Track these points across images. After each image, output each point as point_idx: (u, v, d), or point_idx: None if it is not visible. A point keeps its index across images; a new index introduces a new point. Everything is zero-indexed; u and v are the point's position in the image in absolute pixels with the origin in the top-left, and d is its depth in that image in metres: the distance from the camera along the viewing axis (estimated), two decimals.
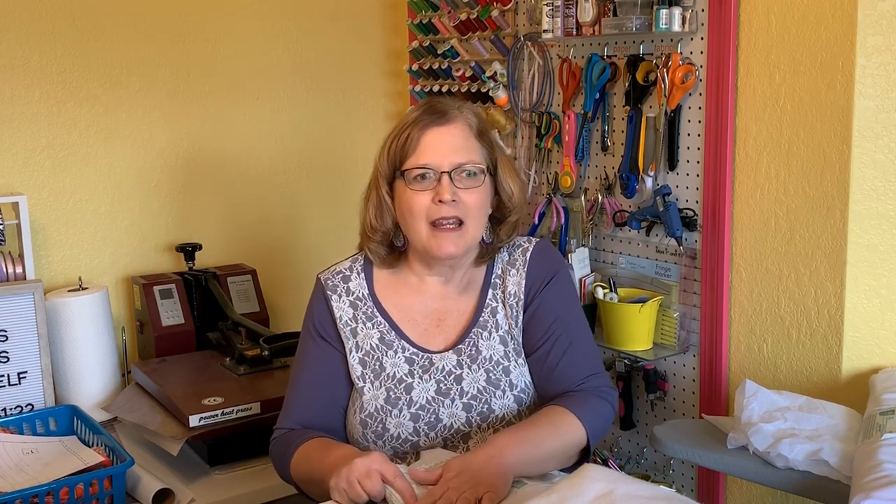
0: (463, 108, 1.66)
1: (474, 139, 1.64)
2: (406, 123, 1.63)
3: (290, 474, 1.61)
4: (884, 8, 1.77)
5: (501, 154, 1.70)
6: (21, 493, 1.68)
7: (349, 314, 1.68)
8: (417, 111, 1.65)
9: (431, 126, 1.61)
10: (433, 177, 1.60)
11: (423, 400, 1.63)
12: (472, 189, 1.61)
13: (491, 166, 1.66)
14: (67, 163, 2.42)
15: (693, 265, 2.10)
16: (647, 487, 1.31)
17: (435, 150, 1.60)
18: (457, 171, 1.60)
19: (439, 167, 1.59)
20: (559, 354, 1.65)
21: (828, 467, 1.59)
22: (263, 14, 2.69)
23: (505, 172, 1.68)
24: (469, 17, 2.55)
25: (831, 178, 1.85)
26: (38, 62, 2.36)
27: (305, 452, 1.58)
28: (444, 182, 1.59)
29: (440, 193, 1.58)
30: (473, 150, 1.63)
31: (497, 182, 1.68)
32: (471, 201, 1.61)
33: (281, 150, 2.76)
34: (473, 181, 1.61)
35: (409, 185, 1.61)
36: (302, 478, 1.59)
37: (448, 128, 1.62)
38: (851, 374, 1.87)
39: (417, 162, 1.60)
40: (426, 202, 1.60)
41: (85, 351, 2.24)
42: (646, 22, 2.05)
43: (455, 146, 1.61)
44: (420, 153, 1.60)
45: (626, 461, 2.30)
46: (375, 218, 1.67)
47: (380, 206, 1.67)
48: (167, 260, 2.59)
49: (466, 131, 1.63)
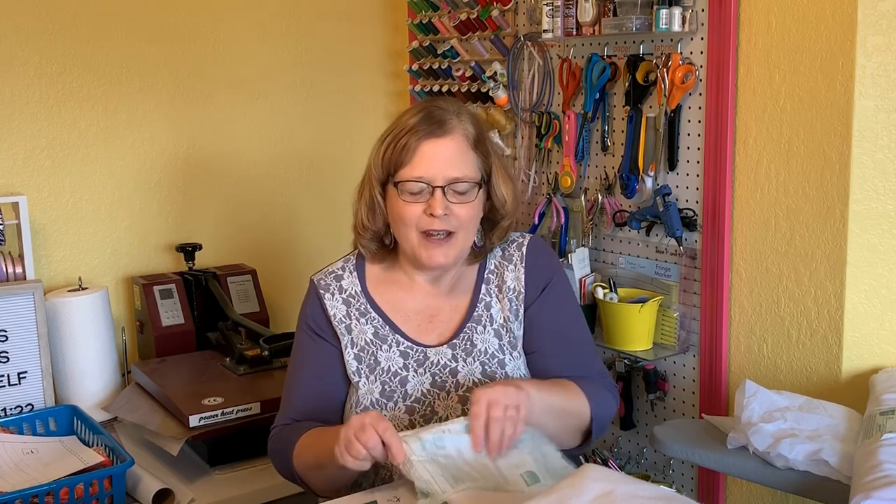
0: (462, 116, 1.64)
1: (471, 151, 1.63)
2: (403, 129, 1.62)
3: (292, 467, 1.61)
4: (884, 8, 1.77)
5: (497, 159, 1.69)
6: (21, 493, 1.69)
7: (343, 311, 1.69)
8: (416, 116, 1.62)
9: (428, 137, 1.60)
10: (426, 190, 1.59)
11: (418, 393, 1.63)
12: (464, 203, 1.61)
13: (485, 175, 1.65)
14: (67, 163, 2.42)
15: (693, 265, 2.10)
16: (647, 487, 1.31)
17: (430, 164, 1.59)
18: (450, 185, 1.59)
19: (433, 181, 1.59)
20: (560, 355, 1.66)
21: (828, 467, 1.59)
22: (263, 14, 2.69)
23: (499, 179, 1.67)
24: (469, 17, 2.55)
25: (831, 178, 1.85)
26: (38, 62, 2.36)
27: (307, 440, 1.59)
28: (436, 196, 1.58)
29: (432, 207, 1.58)
30: (468, 164, 1.62)
31: (491, 188, 1.67)
32: (462, 214, 1.61)
33: (281, 150, 2.76)
34: (466, 196, 1.61)
35: (401, 196, 1.61)
36: (306, 464, 1.59)
37: (444, 140, 1.60)
38: (851, 374, 1.87)
39: (412, 174, 1.59)
40: (418, 213, 1.60)
41: (85, 351, 2.24)
42: (646, 22, 2.05)
43: (450, 160, 1.60)
44: (415, 165, 1.59)
45: (626, 461, 2.30)
46: (367, 218, 1.68)
47: (372, 207, 1.67)
48: (167, 260, 2.59)
49: (463, 144, 1.62)
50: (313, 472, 1.59)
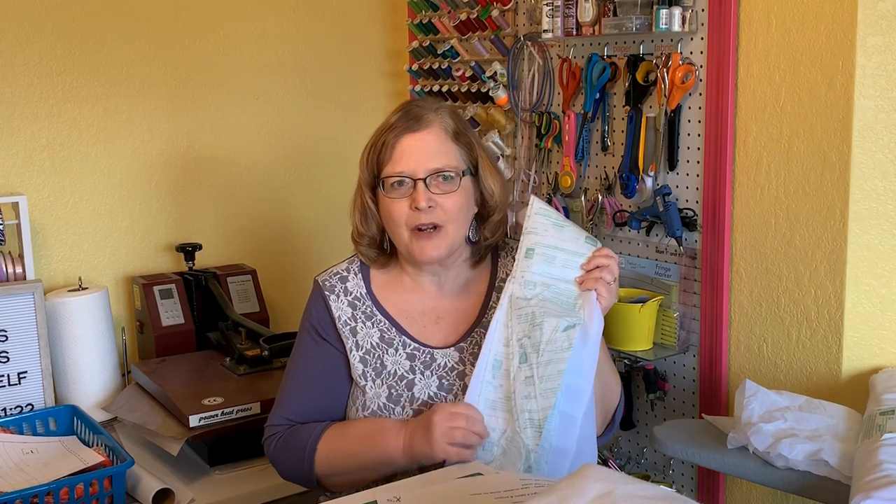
0: (440, 110, 1.66)
1: (451, 142, 1.64)
2: (382, 129, 1.65)
3: (312, 469, 1.61)
4: (884, 8, 1.77)
5: (482, 152, 1.70)
6: (21, 493, 1.69)
7: (348, 314, 1.69)
8: (395, 115, 1.66)
9: (406, 133, 1.62)
10: (409, 184, 1.61)
11: (424, 396, 1.63)
12: (449, 193, 1.62)
13: (471, 167, 1.66)
14: (67, 163, 2.42)
15: (693, 265, 2.10)
16: (647, 487, 1.31)
17: (410, 158, 1.61)
18: (432, 176, 1.60)
19: (414, 174, 1.60)
20: None
21: (828, 467, 1.59)
22: (263, 14, 2.69)
23: (486, 171, 1.68)
24: (469, 17, 2.55)
25: (831, 178, 1.85)
26: (38, 62, 2.36)
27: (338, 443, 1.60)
28: (419, 189, 1.60)
29: (416, 201, 1.60)
30: (450, 154, 1.63)
31: (479, 181, 1.68)
32: (449, 205, 1.62)
33: (281, 150, 2.76)
34: (450, 185, 1.62)
35: (386, 194, 1.63)
36: (335, 467, 1.60)
37: (422, 134, 1.62)
38: (851, 374, 1.87)
39: (393, 170, 1.62)
40: (405, 209, 1.61)
41: (85, 351, 2.24)
42: (646, 22, 2.05)
43: (430, 152, 1.61)
44: (395, 161, 1.62)
45: (626, 461, 2.30)
46: (361, 224, 1.70)
47: (364, 213, 1.69)
48: (167, 260, 2.59)
49: (442, 135, 1.63)
50: (343, 470, 1.60)
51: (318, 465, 1.61)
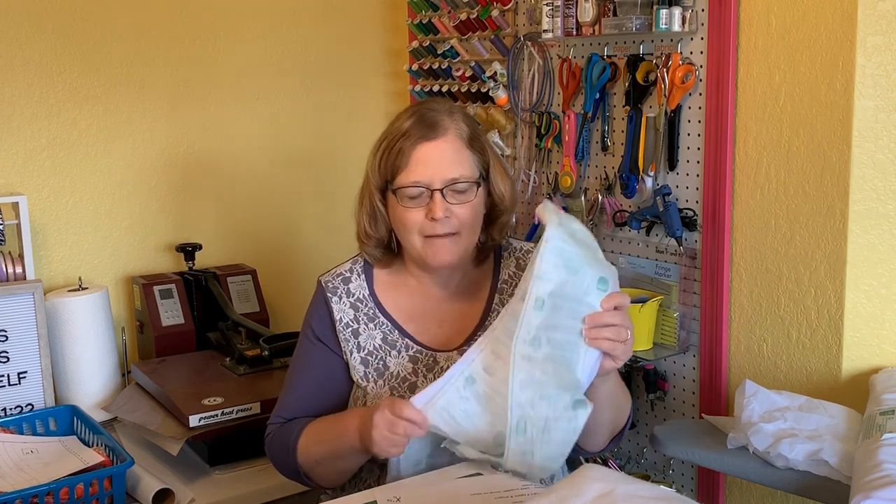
0: (454, 115, 1.63)
1: (466, 149, 1.62)
2: (397, 135, 1.61)
3: (295, 460, 1.61)
4: (884, 8, 1.77)
5: (493, 155, 1.68)
6: (21, 493, 1.69)
7: (350, 315, 1.68)
8: (408, 120, 1.61)
9: (422, 141, 1.59)
10: (425, 194, 1.59)
11: None
12: (464, 204, 1.60)
13: (483, 172, 1.65)
14: (67, 163, 2.42)
15: (693, 265, 2.10)
16: (647, 487, 1.31)
17: (426, 167, 1.58)
18: (449, 187, 1.58)
19: (431, 184, 1.58)
20: None
21: (828, 467, 1.59)
22: (263, 14, 2.69)
23: (496, 174, 1.67)
24: (469, 17, 2.55)
25: (831, 178, 1.85)
26: (38, 62, 2.36)
27: (312, 430, 1.61)
28: (436, 199, 1.57)
29: (433, 211, 1.57)
30: (465, 163, 1.61)
31: (490, 185, 1.67)
32: (464, 214, 1.60)
33: (281, 150, 2.76)
34: (466, 196, 1.60)
35: (400, 203, 1.60)
36: (312, 456, 1.60)
37: (438, 142, 1.59)
38: (851, 374, 1.87)
39: (409, 179, 1.58)
40: (419, 218, 1.59)
41: (85, 351, 2.24)
42: (646, 22, 2.05)
43: (446, 161, 1.59)
44: (411, 170, 1.58)
45: (626, 461, 2.30)
46: (370, 226, 1.67)
47: (373, 215, 1.66)
48: (167, 260, 2.59)
49: (458, 143, 1.61)
50: (319, 463, 1.60)
51: (300, 454, 1.61)
